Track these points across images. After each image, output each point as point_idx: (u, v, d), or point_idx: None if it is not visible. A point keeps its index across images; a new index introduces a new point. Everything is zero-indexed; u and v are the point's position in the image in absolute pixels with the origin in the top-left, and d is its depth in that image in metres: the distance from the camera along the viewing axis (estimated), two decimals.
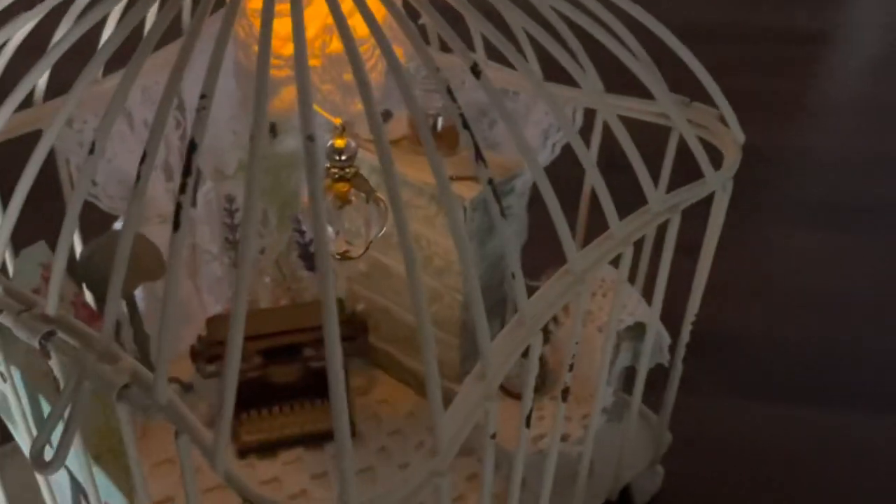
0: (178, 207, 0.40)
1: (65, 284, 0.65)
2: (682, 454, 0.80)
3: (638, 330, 0.64)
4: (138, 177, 0.41)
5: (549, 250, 0.51)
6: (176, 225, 0.40)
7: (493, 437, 0.45)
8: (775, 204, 1.30)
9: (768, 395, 0.94)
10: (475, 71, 0.47)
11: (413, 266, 0.40)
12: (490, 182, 0.45)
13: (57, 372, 0.48)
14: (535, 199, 0.54)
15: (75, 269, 0.68)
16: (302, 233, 0.84)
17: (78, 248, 0.72)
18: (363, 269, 0.79)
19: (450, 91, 0.45)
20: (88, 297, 0.71)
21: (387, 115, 0.74)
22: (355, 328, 0.78)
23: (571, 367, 0.53)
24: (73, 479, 0.56)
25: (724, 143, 0.61)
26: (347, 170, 0.58)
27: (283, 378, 0.74)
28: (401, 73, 0.44)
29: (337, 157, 0.58)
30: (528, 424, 0.51)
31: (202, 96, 0.41)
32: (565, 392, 0.55)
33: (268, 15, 0.43)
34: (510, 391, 0.72)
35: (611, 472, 0.71)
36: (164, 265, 0.71)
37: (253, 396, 0.74)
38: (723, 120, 0.61)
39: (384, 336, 0.80)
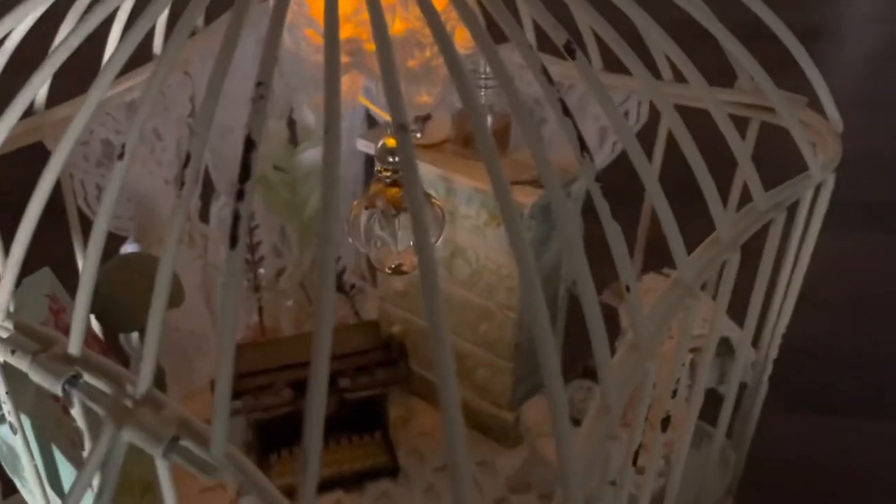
0: (237, 217, 0.33)
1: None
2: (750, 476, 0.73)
3: (721, 347, 0.57)
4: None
5: (605, 263, 0.42)
6: (233, 239, 0.33)
7: (613, 483, 0.38)
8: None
9: (833, 410, 0.87)
10: (569, 49, 0.40)
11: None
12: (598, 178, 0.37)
13: (80, 423, 0.40)
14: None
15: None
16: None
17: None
18: (399, 287, 0.71)
19: (545, 71, 0.38)
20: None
21: (426, 118, 0.66)
22: (394, 352, 0.70)
23: (675, 394, 0.46)
24: None
25: (822, 134, 0.54)
26: (401, 173, 0.50)
27: None
28: (459, 65, 0.36)
29: (390, 159, 0.50)
30: (634, 462, 0.43)
31: (258, 83, 0.34)
32: (665, 421, 0.47)
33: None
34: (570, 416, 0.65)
35: (691, 501, 0.64)
36: (182, 291, 0.63)
37: (284, 434, 0.66)
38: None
39: (423, 361, 0.72)
